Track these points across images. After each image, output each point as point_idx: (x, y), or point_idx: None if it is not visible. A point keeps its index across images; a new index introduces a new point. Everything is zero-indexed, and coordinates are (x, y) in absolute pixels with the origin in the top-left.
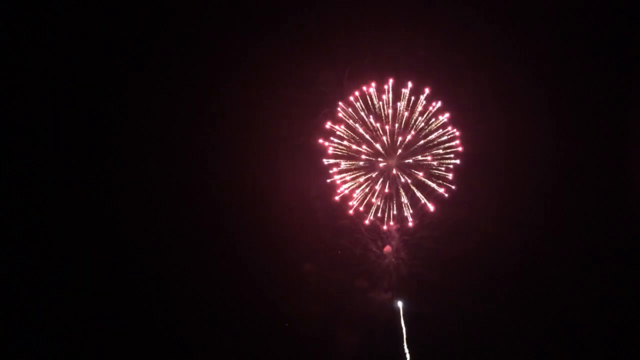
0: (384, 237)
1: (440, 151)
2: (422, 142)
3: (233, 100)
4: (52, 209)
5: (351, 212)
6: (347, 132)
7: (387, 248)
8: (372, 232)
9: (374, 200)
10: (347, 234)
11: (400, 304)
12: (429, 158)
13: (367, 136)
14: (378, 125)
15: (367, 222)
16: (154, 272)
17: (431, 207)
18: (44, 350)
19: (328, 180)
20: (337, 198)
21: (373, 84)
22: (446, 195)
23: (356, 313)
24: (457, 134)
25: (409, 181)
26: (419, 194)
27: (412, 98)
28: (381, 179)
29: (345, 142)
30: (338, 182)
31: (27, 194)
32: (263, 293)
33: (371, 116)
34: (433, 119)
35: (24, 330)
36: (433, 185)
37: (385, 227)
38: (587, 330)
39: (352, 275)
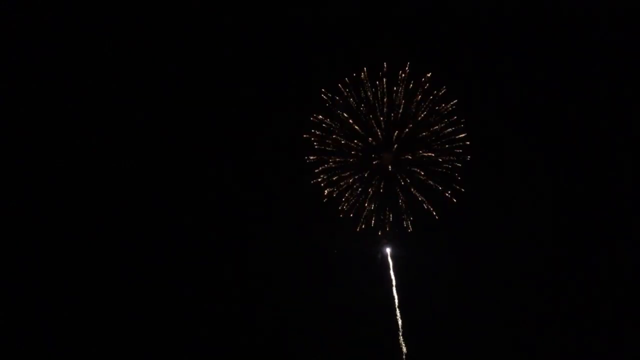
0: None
1: (446, 146)
2: (423, 134)
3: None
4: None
5: (341, 216)
6: (334, 124)
7: (384, 242)
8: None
9: (366, 204)
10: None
11: (396, 297)
12: (431, 154)
13: (358, 128)
14: (371, 116)
15: (358, 229)
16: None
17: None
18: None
19: (312, 181)
20: (324, 201)
21: (365, 69)
22: (454, 199)
23: (354, 307)
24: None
25: (408, 181)
26: (420, 197)
27: (412, 83)
28: (375, 179)
29: (332, 136)
30: (323, 184)
31: (27, 194)
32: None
33: (363, 105)
34: (437, 108)
35: (23, 330)
36: (437, 186)
37: (380, 233)
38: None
39: (349, 271)
